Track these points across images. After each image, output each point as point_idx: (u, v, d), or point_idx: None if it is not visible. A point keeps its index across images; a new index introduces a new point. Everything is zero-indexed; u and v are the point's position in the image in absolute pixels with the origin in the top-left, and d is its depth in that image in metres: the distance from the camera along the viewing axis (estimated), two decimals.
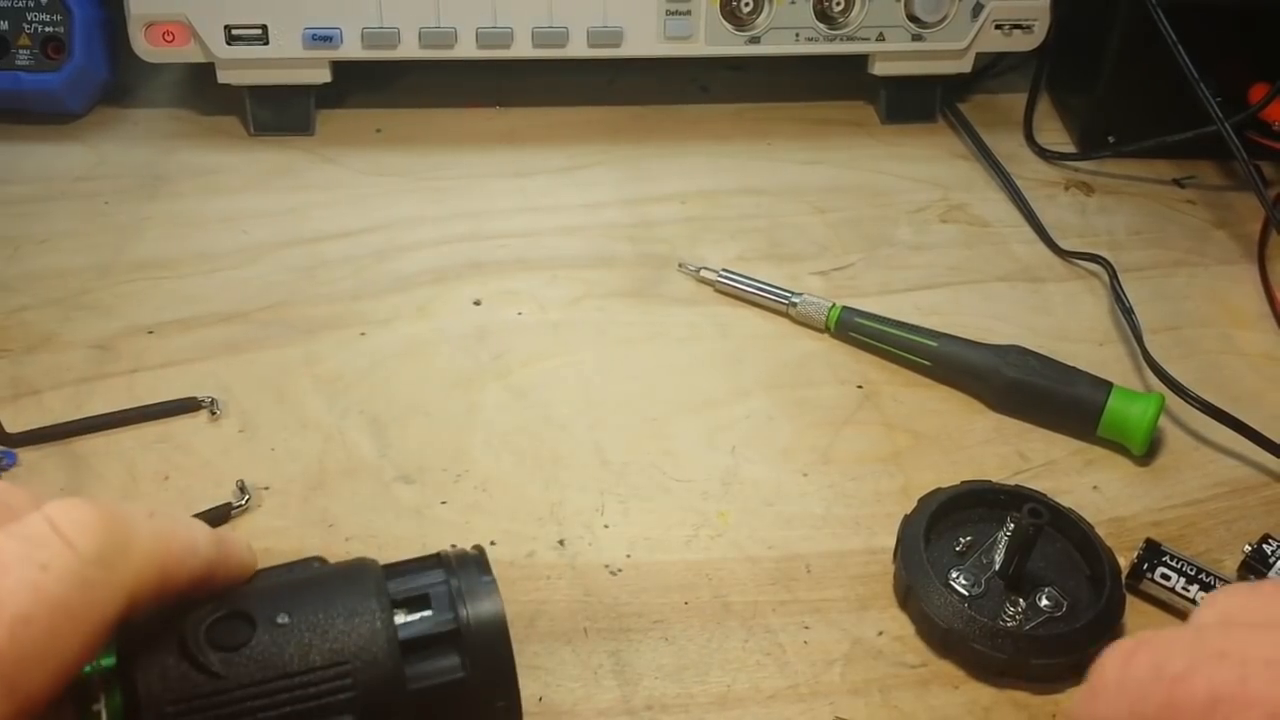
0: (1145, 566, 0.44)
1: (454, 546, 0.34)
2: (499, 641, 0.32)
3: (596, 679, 0.41)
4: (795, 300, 0.57)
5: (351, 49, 0.66)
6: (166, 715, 0.28)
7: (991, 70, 0.77)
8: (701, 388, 0.53)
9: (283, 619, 0.30)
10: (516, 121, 0.72)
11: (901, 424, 0.52)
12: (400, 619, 0.31)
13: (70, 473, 0.47)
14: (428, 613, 0.31)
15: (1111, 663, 0.24)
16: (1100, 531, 0.45)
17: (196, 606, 0.30)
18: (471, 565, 0.33)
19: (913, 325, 0.55)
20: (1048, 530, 0.44)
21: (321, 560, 0.33)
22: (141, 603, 0.27)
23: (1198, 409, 0.51)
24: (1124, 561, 0.44)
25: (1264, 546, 0.44)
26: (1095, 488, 0.49)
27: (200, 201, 0.64)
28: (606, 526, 0.46)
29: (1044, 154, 0.71)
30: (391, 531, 0.46)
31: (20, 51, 0.66)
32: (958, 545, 0.44)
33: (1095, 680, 0.24)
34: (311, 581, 0.31)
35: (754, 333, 0.57)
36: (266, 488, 0.47)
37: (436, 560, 0.33)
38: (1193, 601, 0.43)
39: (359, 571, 0.32)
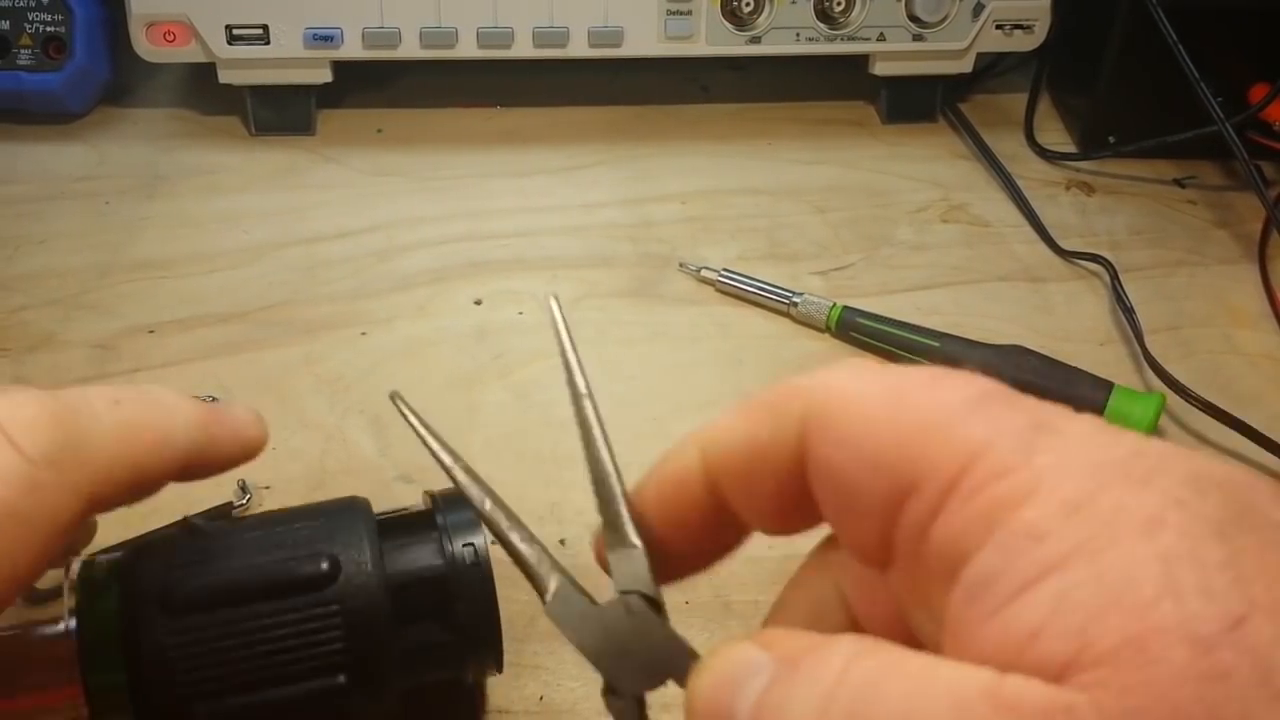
0: None
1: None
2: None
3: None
4: (796, 300, 0.57)
5: (352, 49, 0.66)
6: (169, 583, 0.30)
7: (992, 70, 0.77)
8: (702, 388, 0.53)
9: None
10: (516, 121, 0.72)
11: None
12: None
13: None
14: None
15: None
16: None
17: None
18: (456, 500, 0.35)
19: (914, 325, 0.55)
20: None
21: None
22: (109, 500, 0.26)
23: (1198, 409, 0.51)
24: None
25: None
26: None
27: (200, 201, 0.64)
28: None
29: (1044, 154, 0.71)
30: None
31: (21, 51, 0.66)
32: None
33: None
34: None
35: (755, 333, 0.57)
36: (267, 487, 0.47)
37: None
38: None
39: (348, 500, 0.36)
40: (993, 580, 0.17)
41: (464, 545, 0.33)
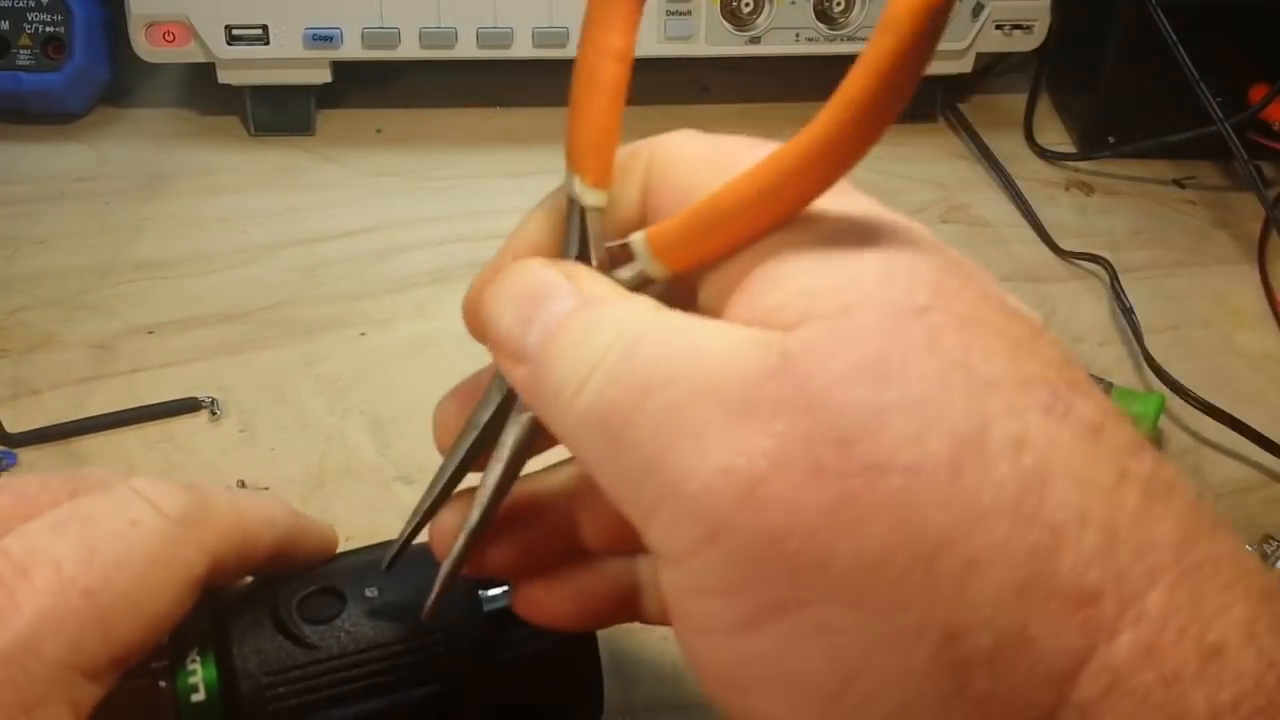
0: None
1: None
2: None
3: None
4: None
5: (352, 49, 0.66)
6: (263, 685, 0.29)
7: (992, 70, 0.77)
8: None
9: (371, 592, 0.31)
10: (516, 121, 0.72)
11: None
12: (485, 593, 0.32)
13: None
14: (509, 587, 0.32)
15: None
16: None
17: (286, 583, 0.31)
18: None
19: None
20: None
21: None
22: (225, 569, 0.28)
23: (1198, 409, 0.51)
24: None
25: (1264, 547, 0.44)
26: None
27: (200, 201, 0.64)
28: None
29: (1044, 154, 0.71)
30: (392, 531, 0.45)
31: (21, 51, 0.66)
32: None
33: None
34: None
35: None
36: (267, 488, 0.47)
37: None
38: None
39: None
40: (759, 279, 0.22)
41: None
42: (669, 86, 0.75)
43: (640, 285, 0.24)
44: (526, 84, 0.74)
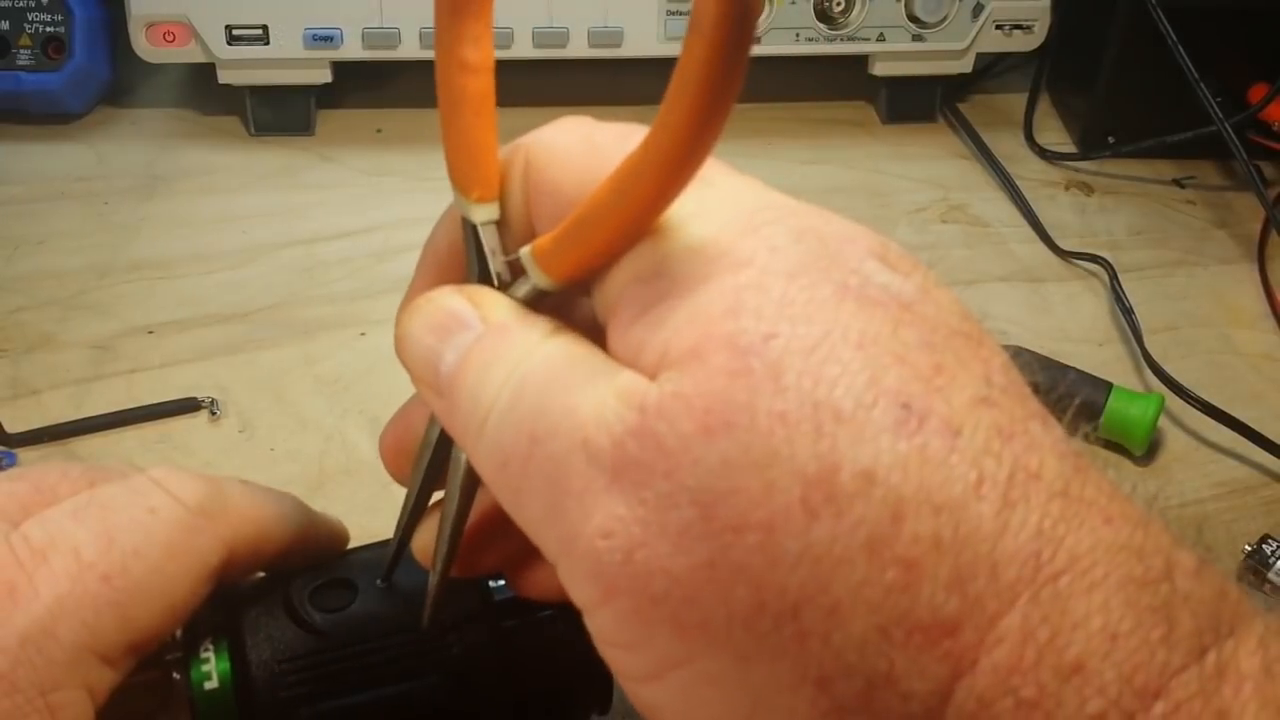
0: None
1: None
2: None
3: None
4: None
5: (352, 49, 0.66)
6: (275, 673, 0.29)
7: (991, 70, 0.77)
8: None
9: (381, 584, 0.31)
10: (516, 121, 0.71)
11: None
12: (494, 583, 0.32)
13: None
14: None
15: None
16: None
17: (298, 575, 0.31)
18: None
19: None
20: None
21: None
22: (239, 560, 0.28)
23: (1198, 409, 0.51)
24: None
25: (1264, 546, 0.44)
26: None
27: (200, 201, 0.64)
28: None
29: (1044, 154, 0.71)
30: (392, 532, 0.46)
31: (21, 51, 0.66)
32: None
33: None
34: None
35: None
36: None
37: None
38: None
39: None
40: (628, 305, 0.22)
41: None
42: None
43: (537, 299, 0.24)
44: (526, 84, 0.74)
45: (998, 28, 0.69)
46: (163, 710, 0.29)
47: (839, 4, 0.67)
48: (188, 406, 0.50)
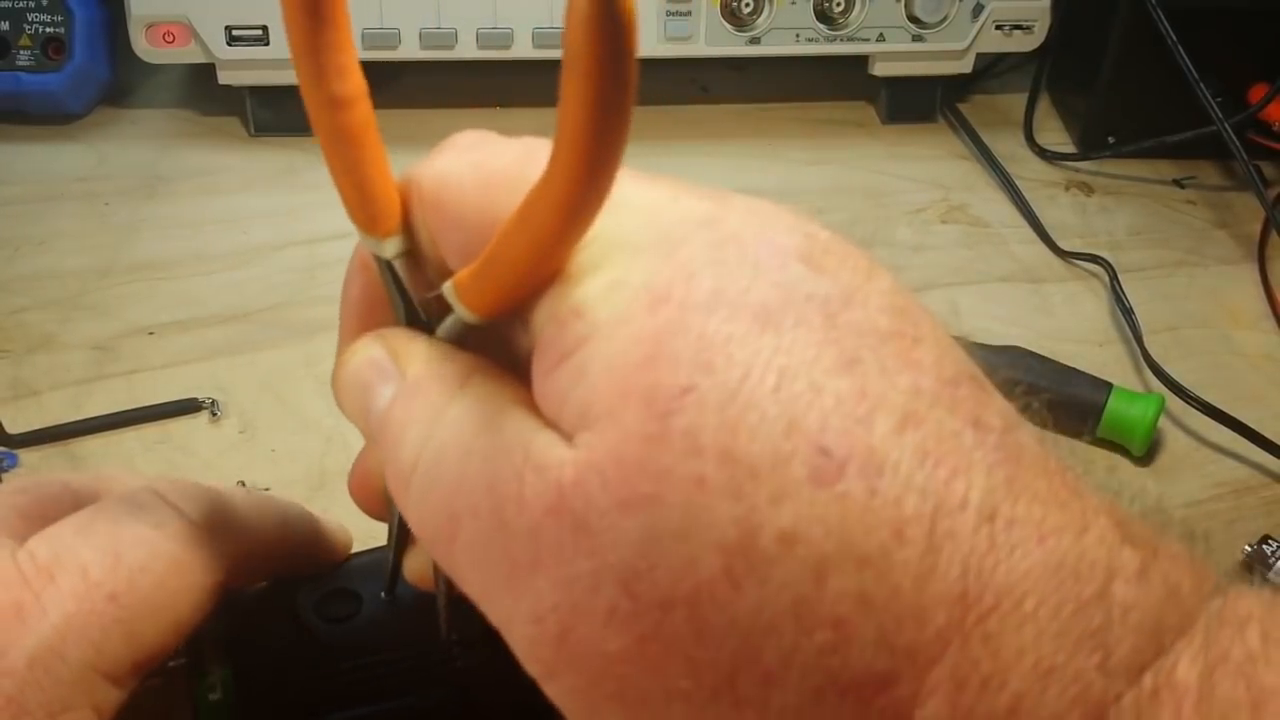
0: None
1: None
2: None
3: None
4: None
5: None
6: (279, 685, 0.29)
7: (991, 70, 0.77)
8: None
9: (384, 596, 0.31)
10: (516, 122, 0.71)
11: None
12: None
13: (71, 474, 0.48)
14: None
15: None
16: None
17: (302, 584, 0.31)
18: None
19: None
20: None
21: None
22: (243, 572, 0.28)
23: (1198, 409, 0.51)
24: None
25: (1264, 547, 0.44)
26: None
27: (200, 202, 0.64)
28: None
29: (1044, 154, 0.71)
30: None
31: (21, 52, 0.66)
32: None
33: None
34: None
35: None
36: (267, 488, 0.47)
37: None
38: None
39: None
40: (548, 349, 0.21)
41: None
42: (669, 86, 0.75)
43: (465, 333, 0.23)
44: (526, 84, 0.74)
45: (998, 28, 0.69)
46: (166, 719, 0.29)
47: (839, 4, 0.67)
48: (188, 407, 0.50)
